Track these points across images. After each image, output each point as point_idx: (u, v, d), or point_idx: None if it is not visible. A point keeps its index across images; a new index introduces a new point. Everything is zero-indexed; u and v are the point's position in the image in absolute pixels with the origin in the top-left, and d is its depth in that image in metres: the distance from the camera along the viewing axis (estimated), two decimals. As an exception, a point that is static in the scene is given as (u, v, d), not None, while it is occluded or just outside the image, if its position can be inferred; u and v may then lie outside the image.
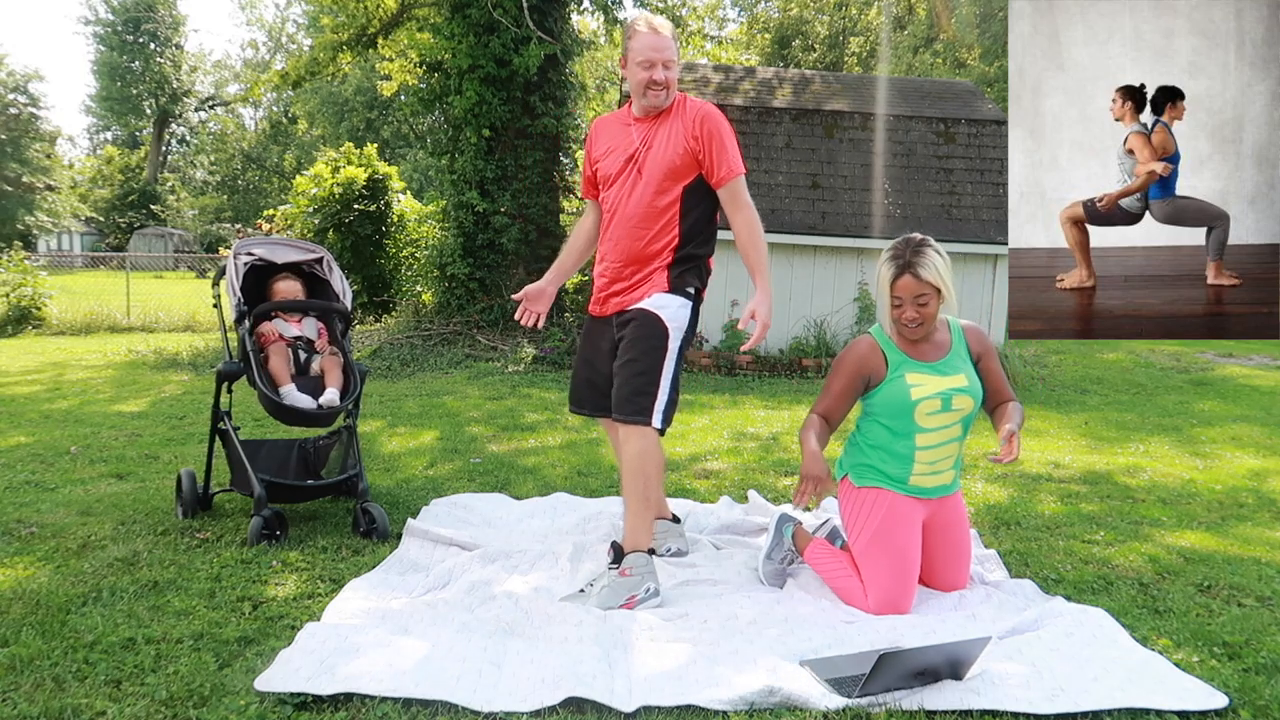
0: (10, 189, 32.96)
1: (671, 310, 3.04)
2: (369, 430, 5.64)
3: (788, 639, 2.59)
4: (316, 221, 11.39)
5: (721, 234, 3.26)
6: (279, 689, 2.22)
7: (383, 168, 11.88)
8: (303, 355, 3.82)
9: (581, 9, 11.09)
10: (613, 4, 10.56)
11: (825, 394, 2.99)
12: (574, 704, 2.22)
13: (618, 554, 3.02)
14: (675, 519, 3.51)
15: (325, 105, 38.82)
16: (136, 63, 44.26)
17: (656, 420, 2.98)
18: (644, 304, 3.06)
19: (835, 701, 2.23)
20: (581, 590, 2.97)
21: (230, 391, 3.76)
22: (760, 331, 2.95)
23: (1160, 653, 2.57)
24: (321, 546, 3.38)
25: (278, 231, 12.43)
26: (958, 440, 2.94)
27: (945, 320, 3.00)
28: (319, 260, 4.06)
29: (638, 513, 2.99)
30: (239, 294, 3.73)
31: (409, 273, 11.92)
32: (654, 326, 3.01)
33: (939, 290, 2.78)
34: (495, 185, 10.07)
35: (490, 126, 9.94)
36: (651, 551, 3.01)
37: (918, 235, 2.86)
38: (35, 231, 34.94)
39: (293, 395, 3.59)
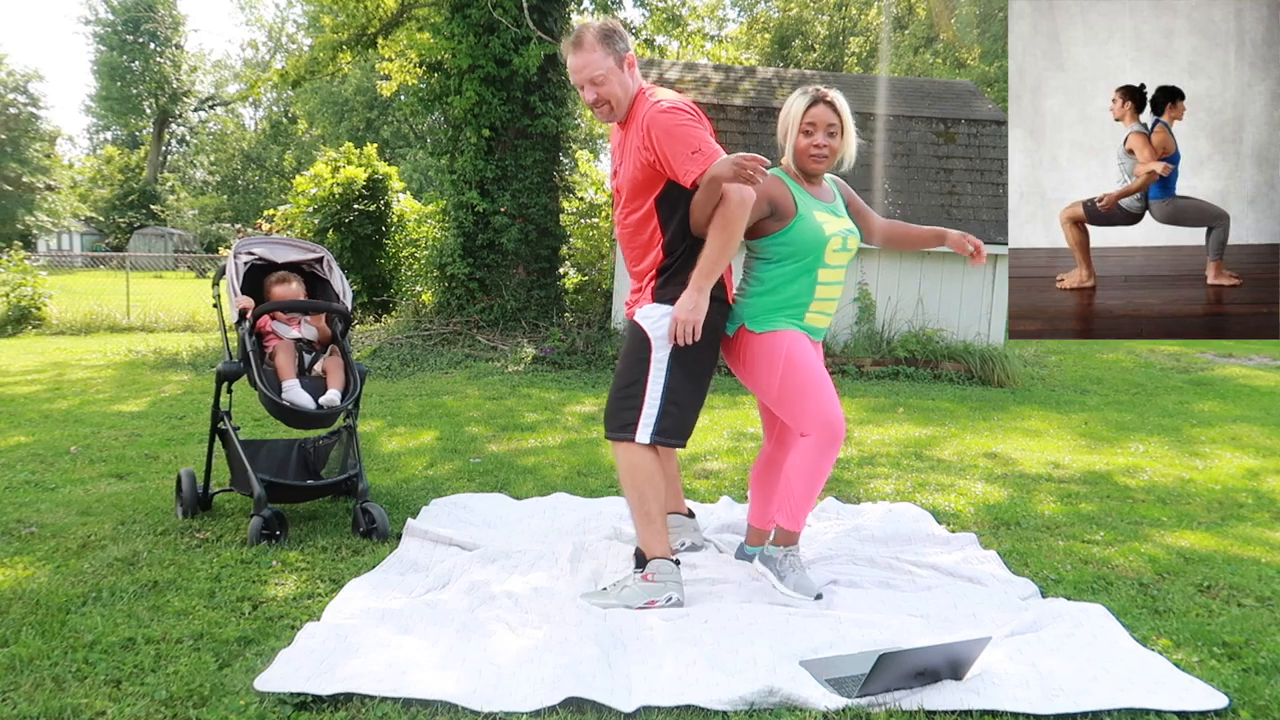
0: (10, 189, 32.96)
1: (654, 320, 2.93)
2: (369, 430, 5.64)
3: (788, 639, 2.59)
4: (316, 221, 11.39)
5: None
6: (279, 689, 2.23)
7: (383, 168, 11.87)
8: (306, 357, 3.83)
9: (581, 9, 11.07)
10: (612, 4, 10.53)
11: None
12: (574, 704, 2.22)
13: (640, 559, 3.00)
14: (690, 514, 3.51)
15: (325, 105, 38.86)
16: (136, 63, 44.27)
17: (642, 435, 2.90)
18: (635, 315, 3.03)
19: (835, 701, 2.23)
20: (604, 589, 2.96)
21: (230, 391, 3.76)
22: (671, 328, 2.82)
23: (1160, 653, 2.57)
24: (321, 546, 3.38)
25: (278, 231, 12.43)
26: (843, 284, 3.09)
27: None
28: (319, 260, 4.07)
29: (641, 525, 2.98)
30: (239, 294, 3.73)
31: (409, 273, 11.92)
32: (637, 339, 2.96)
33: (844, 128, 2.94)
34: (495, 185, 10.07)
35: (490, 126, 9.93)
36: (677, 562, 2.98)
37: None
38: (35, 231, 34.95)
39: (294, 391, 3.59)
